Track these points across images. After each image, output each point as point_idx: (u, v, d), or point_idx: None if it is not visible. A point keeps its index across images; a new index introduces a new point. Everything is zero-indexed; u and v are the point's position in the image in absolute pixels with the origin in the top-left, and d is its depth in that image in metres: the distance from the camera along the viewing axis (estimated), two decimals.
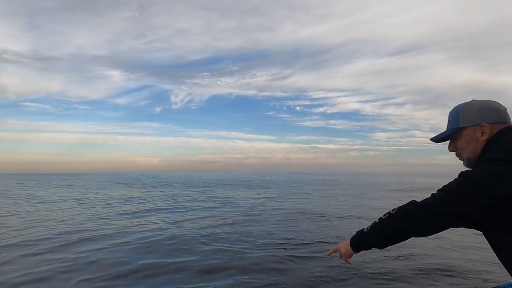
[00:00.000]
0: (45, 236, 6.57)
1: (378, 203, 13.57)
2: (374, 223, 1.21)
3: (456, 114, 1.22)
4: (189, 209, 11.33)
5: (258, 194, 19.26)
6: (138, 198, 16.27)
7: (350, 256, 1.34)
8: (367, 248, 1.25)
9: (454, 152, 1.26)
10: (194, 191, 21.46)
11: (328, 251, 1.47)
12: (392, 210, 1.16)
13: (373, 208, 11.66)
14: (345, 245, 1.34)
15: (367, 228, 1.24)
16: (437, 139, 1.29)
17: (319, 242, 5.97)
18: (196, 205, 12.69)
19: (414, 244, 5.54)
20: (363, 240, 1.25)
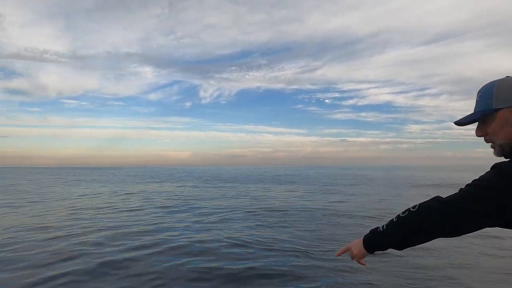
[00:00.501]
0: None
1: (416, 200, 13.04)
2: (391, 221, 1.09)
3: (489, 93, 1.02)
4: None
5: (292, 191, 19.17)
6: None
7: (363, 257, 1.22)
8: (383, 248, 1.13)
9: (483, 138, 1.06)
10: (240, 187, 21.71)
11: (337, 251, 1.32)
12: (413, 207, 1.03)
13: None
14: (357, 245, 1.21)
15: (382, 227, 1.12)
16: (463, 122, 1.09)
17: None
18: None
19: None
20: (378, 240, 1.13)
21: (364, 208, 10.78)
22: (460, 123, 1.10)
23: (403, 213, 1.06)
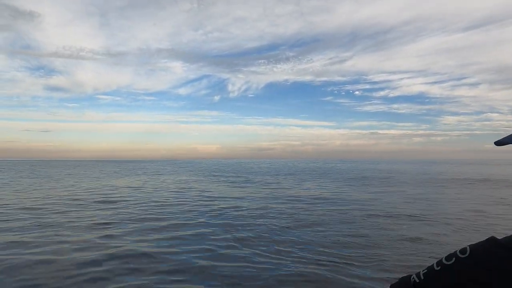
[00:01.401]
0: None
1: (458, 200, 12.76)
2: (431, 270, 0.80)
3: None
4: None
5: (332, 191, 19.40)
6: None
7: None
8: None
9: None
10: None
11: None
12: (461, 252, 0.75)
13: (455, 206, 11.08)
14: None
15: (418, 276, 0.82)
16: (505, 142, 0.93)
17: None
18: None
19: None
20: None
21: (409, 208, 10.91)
22: (501, 142, 0.94)
23: (447, 259, 0.77)
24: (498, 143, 0.95)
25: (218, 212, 9.87)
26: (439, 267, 0.78)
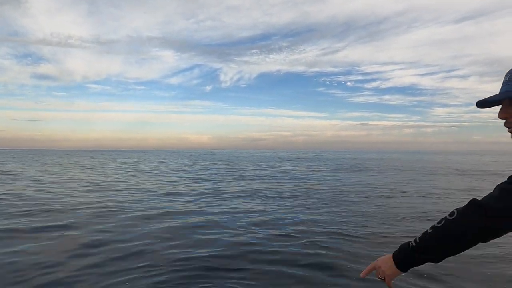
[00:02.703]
0: None
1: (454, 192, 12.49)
2: (426, 234, 1.01)
3: None
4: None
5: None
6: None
7: (395, 277, 1.08)
8: (418, 265, 1.03)
9: (504, 120, 0.95)
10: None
11: (363, 271, 1.18)
12: (450, 215, 0.96)
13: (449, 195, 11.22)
14: (387, 263, 1.08)
15: (415, 241, 1.02)
16: (487, 102, 0.95)
17: None
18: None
19: None
20: (412, 257, 1.02)
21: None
22: (483, 103, 0.96)
23: (438, 223, 0.98)
24: (480, 103, 0.96)
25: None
26: (432, 230, 0.98)
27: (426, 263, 1.02)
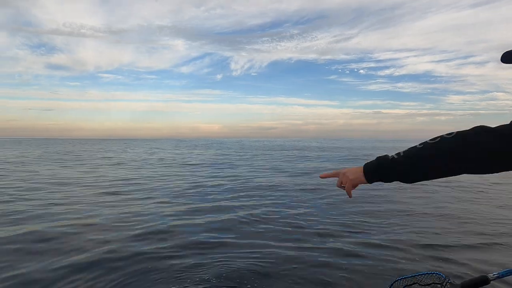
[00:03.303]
0: None
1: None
2: (411, 150, 0.91)
3: None
4: None
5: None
6: None
7: (355, 186, 1.03)
8: (388, 178, 0.95)
9: None
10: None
11: (324, 173, 1.13)
12: (448, 134, 0.86)
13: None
14: (353, 172, 1.02)
15: (398, 154, 0.94)
16: None
17: None
18: None
19: None
20: (387, 167, 0.94)
21: None
22: (509, 56, 0.92)
23: (432, 139, 0.88)
24: (506, 57, 0.91)
25: None
26: (422, 145, 0.88)
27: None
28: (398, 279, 1.14)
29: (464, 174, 0.87)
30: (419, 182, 0.93)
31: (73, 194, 8.20)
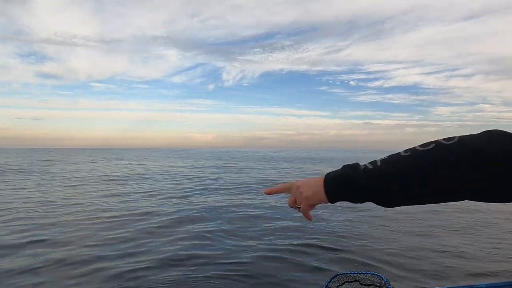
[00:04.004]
0: None
1: None
2: (391, 158, 0.61)
3: None
4: None
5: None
6: None
7: (313, 206, 0.71)
8: (359, 198, 0.63)
9: None
10: None
11: (268, 188, 0.78)
12: (446, 140, 0.57)
13: None
14: (311, 185, 0.69)
15: (372, 163, 0.62)
16: None
17: None
18: None
19: None
20: (357, 182, 0.62)
21: None
22: None
23: (424, 145, 0.59)
24: None
25: None
26: (409, 153, 0.59)
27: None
28: (339, 274, 1.08)
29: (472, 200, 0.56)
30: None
31: None
